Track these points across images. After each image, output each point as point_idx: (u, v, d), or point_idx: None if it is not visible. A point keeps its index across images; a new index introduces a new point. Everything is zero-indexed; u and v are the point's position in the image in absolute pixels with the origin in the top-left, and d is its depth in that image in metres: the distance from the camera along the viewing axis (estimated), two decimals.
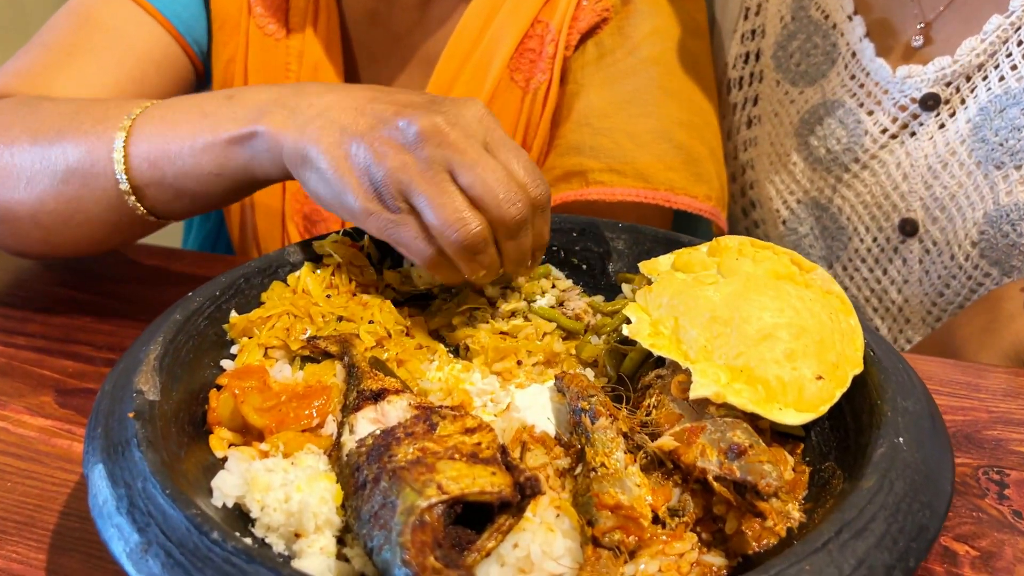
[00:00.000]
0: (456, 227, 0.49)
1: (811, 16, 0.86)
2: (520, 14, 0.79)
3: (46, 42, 0.76)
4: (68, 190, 0.62)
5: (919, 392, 0.42)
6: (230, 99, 0.59)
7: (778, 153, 0.89)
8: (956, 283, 0.80)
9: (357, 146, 0.52)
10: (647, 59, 0.78)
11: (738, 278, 0.45)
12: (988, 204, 0.76)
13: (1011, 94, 0.74)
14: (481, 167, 0.50)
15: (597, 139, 0.76)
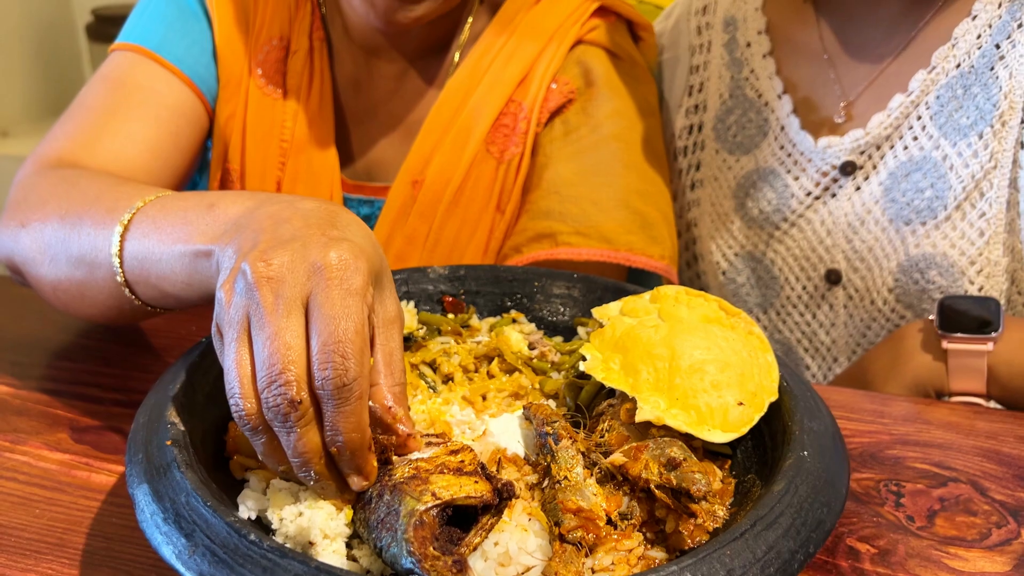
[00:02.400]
0: (231, 399, 0.45)
1: (746, 94, 0.96)
2: (496, 94, 0.88)
3: (88, 105, 0.83)
4: (78, 275, 0.66)
5: (823, 415, 0.51)
6: (210, 208, 0.58)
7: (718, 213, 0.98)
8: (876, 325, 0.90)
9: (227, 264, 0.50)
10: (608, 136, 0.87)
11: (675, 321, 0.54)
12: (900, 255, 0.86)
13: (914, 161, 0.85)
14: (267, 340, 0.44)
15: (565, 205, 0.84)
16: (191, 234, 0.57)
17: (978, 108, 0.81)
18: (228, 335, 0.46)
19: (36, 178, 0.75)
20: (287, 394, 0.43)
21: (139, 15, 0.90)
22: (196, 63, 0.87)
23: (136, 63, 0.85)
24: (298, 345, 0.44)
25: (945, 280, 0.83)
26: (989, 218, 0.82)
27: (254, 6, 0.90)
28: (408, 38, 0.90)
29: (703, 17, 1.01)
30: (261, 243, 0.48)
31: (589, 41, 0.90)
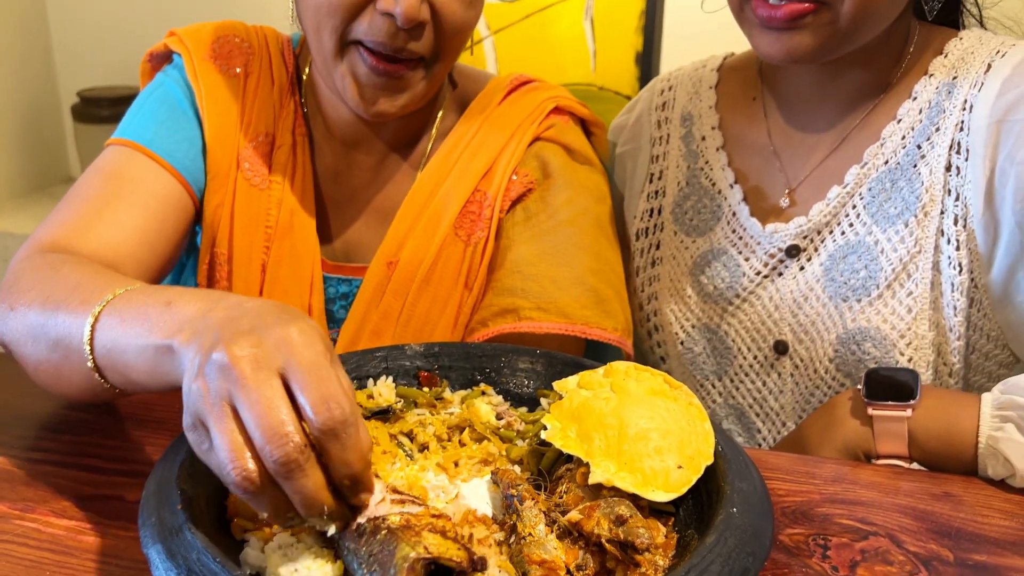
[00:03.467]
0: (224, 469, 0.49)
1: (701, 183, 1.05)
2: (464, 184, 0.97)
3: (83, 195, 0.90)
4: (55, 357, 0.71)
5: (752, 476, 0.58)
6: (168, 306, 0.62)
7: (676, 288, 1.07)
8: (820, 392, 0.97)
9: (192, 364, 0.54)
10: (563, 221, 0.95)
11: (624, 394, 0.61)
12: (839, 329, 0.94)
13: (850, 245, 0.94)
14: (252, 403, 0.49)
15: (526, 283, 0.91)
16: (151, 329, 0.61)
17: (904, 200, 0.91)
18: (213, 417, 0.50)
19: (27, 263, 0.81)
20: (293, 441, 0.48)
21: (134, 114, 0.98)
22: (184, 157, 0.95)
23: (129, 157, 0.93)
24: (286, 403, 0.49)
25: (879, 351, 0.91)
26: (916, 296, 0.90)
27: (241, 107, 0.98)
28: (385, 131, 1.00)
29: (662, 112, 1.11)
30: (223, 337, 0.52)
31: (546, 138, 1.00)
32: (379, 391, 0.73)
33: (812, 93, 0.97)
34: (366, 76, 0.87)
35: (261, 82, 1.00)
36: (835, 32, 0.85)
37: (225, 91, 0.98)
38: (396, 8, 0.82)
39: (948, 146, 0.89)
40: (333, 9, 0.84)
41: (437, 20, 0.86)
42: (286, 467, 0.49)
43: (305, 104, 1.02)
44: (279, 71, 1.01)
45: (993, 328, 0.92)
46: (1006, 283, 0.88)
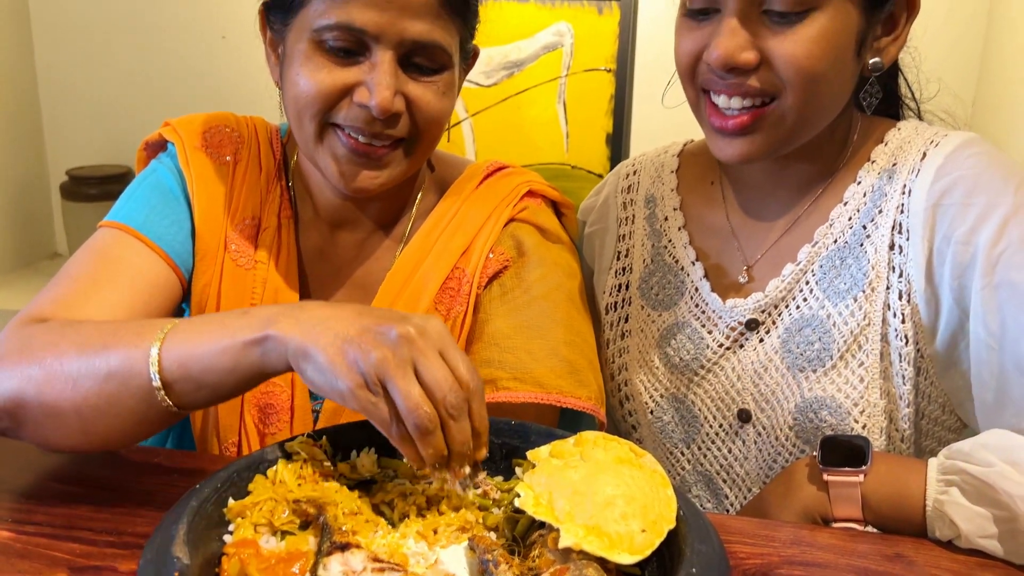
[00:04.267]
0: (414, 412, 0.66)
1: (665, 260, 1.12)
2: (443, 262, 1.03)
3: (73, 275, 0.94)
4: (108, 388, 0.77)
5: (712, 538, 0.63)
6: (245, 314, 0.76)
7: (644, 359, 1.12)
8: (781, 458, 1.02)
9: (348, 345, 0.68)
10: (537, 296, 1.02)
11: (592, 462, 0.66)
12: (797, 398, 0.99)
13: (805, 318, 0.99)
14: (434, 367, 0.68)
15: (503, 355, 0.97)
16: (234, 332, 0.74)
17: (852, 276, 0.97)
18: (399, 375, 0.67)
19: (30, 329, 0.84)
20: (460, 394, 0.68)
21: (128, 198, 1.03)
22: (174, 240, 1.00)
23: (119, 239, 0.98)
24: (450, 374, 0.69)
25: (834, 419, 0.97)
26: (867, 367, 0.96)
27: (230, 193, 1.04)
28: (368, 211, 1.06)
29: (628, 195, 1.19)
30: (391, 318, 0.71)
31: (521, 219, 1.07)
32: (362, 462, 0.77)
33: (765, 181, 1.05)
34: (346, 156, 0.94)
35: (249, 169, 1.06)
36: (783, 133, 0.93)
37: (214, 178, 1.04)
38: (371, 101, 0.89)
39: (891, 226, 0.96)
40: (312, 100, 0.91)
41: (412, 110, 0.93)
42: (458, 410, 0.68)
43: (293, 187, 1.08)
44: (267, 158, 1.08)
45: (940, 395, 0.98)
46: (949, 353, 0.94)
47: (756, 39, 0.89)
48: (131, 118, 2.35)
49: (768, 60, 0.89)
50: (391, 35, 0.89)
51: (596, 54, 2.16)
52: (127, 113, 2.36)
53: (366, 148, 0.93)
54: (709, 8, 0.91)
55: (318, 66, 0.91)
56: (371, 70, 0.90)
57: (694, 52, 0.94)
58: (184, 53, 2.34)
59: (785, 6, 0.86)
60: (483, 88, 2.23)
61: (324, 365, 0.69)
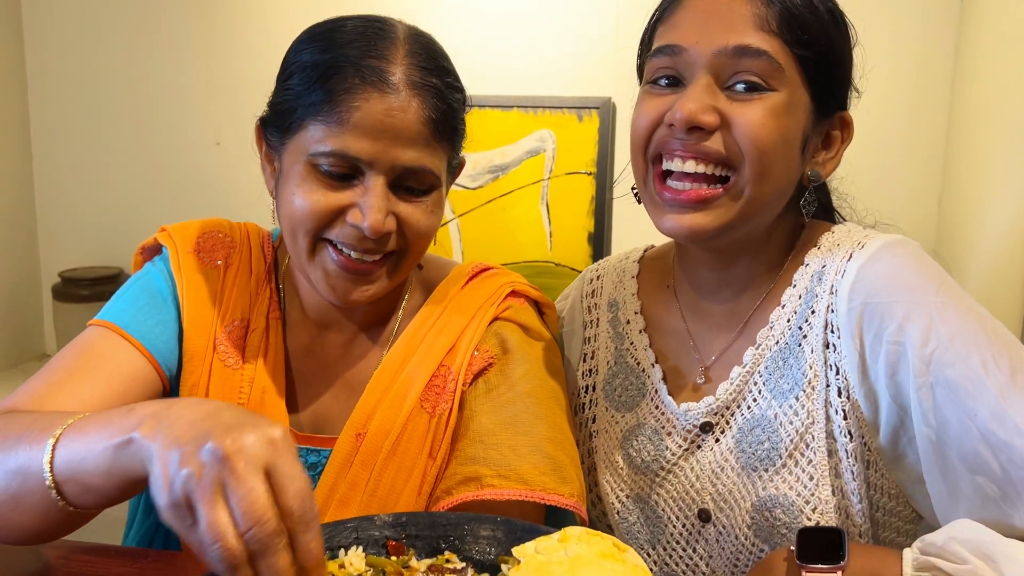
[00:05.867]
0: (212, 545, 0.59)
1: (628, 362, 1.17)
2: (429, 360, 1.08)
3: (52, 369, 0.97)
4: (13, 485, 0.78)
5: None
6: (128, 413, 0.72)
7: (610, 460, 1.16)
8: (744, 557, 1.04)
9: (173, 455, 0.63)
10: (522, 393, 1.06)
11: (576, 558, 0.70)
12: (753, 497, 1.02)
13: (755, 418, 1.04)
14: (243, 492, 0.60)
15: (488, 452, 1.00)
16: (112, 432, 0.71)
17: (793, 376, 1.02)
18: (204, 499, 0.61)
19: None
20: (271, 526, 0.60)
21: (118, 299, 1.08)
22: (158, 340, 1.04)
23: (104, 336, 1.01)
24: (270, 495, 0.61)
25: (788, 517, 1.01)
26: (815, 464, 1.00)
27: (220, 296, 1.09)
28: (355, 313, 1.12)
29: (592, 299, 1.26)
30: (213, 429, 0.63)
31: (504, 318, 1.13)
32: (350, 561, 0.79)
33: (711, 281, 1.11)
34: (336, 272, 1.01)
35: (240, 272, 1.12)
36: (736, 211, 0.99)
37: (205, 281, 1.09)
38: (364, 223, 0.97)
39: (823, 326, 1.01)
40: (306, 218, 0.98)
41: (402, 227, 1.01)
42: (267, 546, 0.60)
43: (283, 289, 1.14)
44: (257, 262, 1.14)
45: (892, 487, 1.01)
46: (894, 447, 0.98)
47: (719, 105, 0.98)
48: (125, 221, 2.40)
49: (728, 126, 0.97)
50: (383, 162, 0.97)
51: (577, 158, 2.32)
52: (121, 216, 2.42)
53: (357, 266, 1.00)
54: (675, 80, 1.01)
55: (313, 188, 0.98)
56: (364, 193, 0.97)
57: (654, 117, 1.01)
58: (178, 158, 2.42)
59: (747, 83, 0.97)
60: (469, 190, 2.35)
61: (155, 475, 0.64)
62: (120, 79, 2.47)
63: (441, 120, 0.98)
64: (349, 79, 0.96)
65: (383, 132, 0.94)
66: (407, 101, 0.96)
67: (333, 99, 0.96)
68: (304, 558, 0.62)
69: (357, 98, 0.95)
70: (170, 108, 2.44)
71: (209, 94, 2.42)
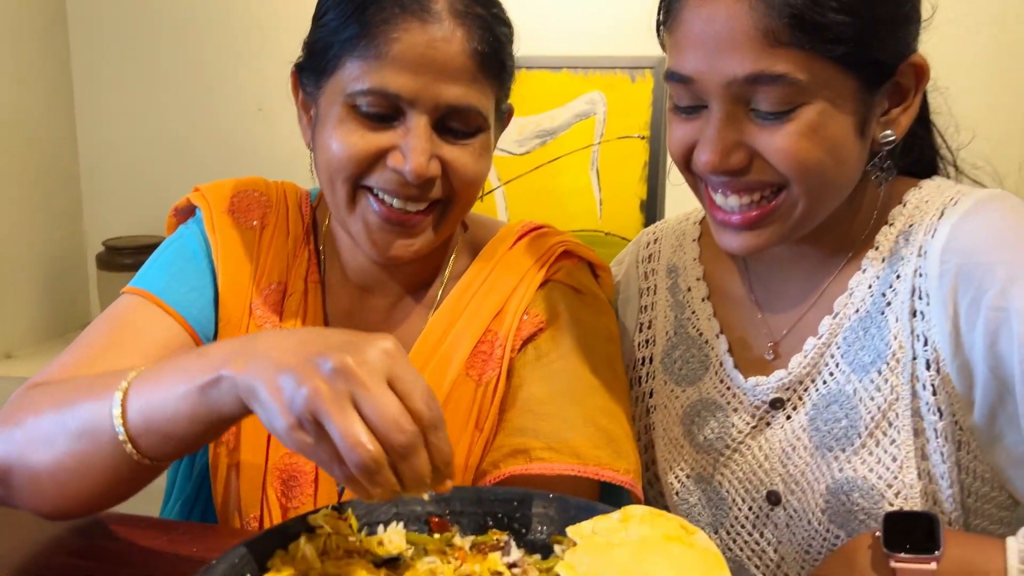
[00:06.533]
0: (355, 451, 0.59)
1: (689, 333, 1.09)
2: (475, 325, 1.01)
3: (87, 341, 0.93)
4: (79, 446, 0.75)
5: None
6: (201, 355, 0.71)
7: (670, 438, 1.08)
8: (816, 543, 0.97)
9: (285, 378, 0.62)
10: (575, 361, 0.99)
11: (640, 540, 0.63)
12: (828, 479, 0.95)
13: (831, 394, 0.96)
14: (376, 400, 0.61)
15: (538, 423, 0.93)
16: (191, 375, 0.69)
17: (876, 348, 0.94)
18: (335, 411, 0.60)
19: (26, 392, 0.84)
20: (413, 429, 0.61)
21: (151, 264, 1.03)
22: (193, 307, 0.99)
23: (137, 305, 0.97)
24: (399, 402, 0.62)
25: (867, 502, 0.92)
26: (899, 445, 0.92)
27: (256, 258, 1.04)
28: (399, 275, 1.05)
29: (649, 264, 1.18)
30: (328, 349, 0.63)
31: (556, 280, 1.06)
32: (389, 538, 0.73)
33: (786, 256, 1.02)
34: (378, 224, 0.93)
35: (276, 233, 1.06)
36: (791, 224, 0.90)
37: (240, 243, 1.04)
38: (406, 166, 0.89)
39: (910, 292, 0.92)
40: (344, 163, 0.91)
41: (448, 172, 0.93)
42: (408, 449, 0.61)
43: (323, 251, 1.08)
44: (295, 223, 1.08)
45: (987, 470, 0.92)
46: (990, 427, 0.89)
47: (745, 136, 0.87)
48: (168, 189, 2.38)
49: (760, 156, 0.87)
50: (426, 100, 0.89)
51: (629, 121, 2.20)
52: (164, 184, 2.43)
53: (400, 216, 0.93)
54: (697, 105, 0.91)
55: (351, 130, 0.91)
56: (405, 134, 0.90)
57: (686, 144, 0.92)
58: (221, 124, 2.43)
59: (771, 106, 0.84)
60: (516, 156, 2.27)
61: (265, 402, 0.64)
62: (164, 45, 2.46)
63: (488, 53, 0.91)
64: (387, 9, 0.89)
65: (425, 66, 0.87)
66: (450, 31, 0.89)
67: (370, 31, 0.89)
68: (437, 457, 0.64)
69: (396, 29, 0.88)
70: (213, 74, 2.43)
71: (252, 60, 2.40)
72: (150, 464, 0.75)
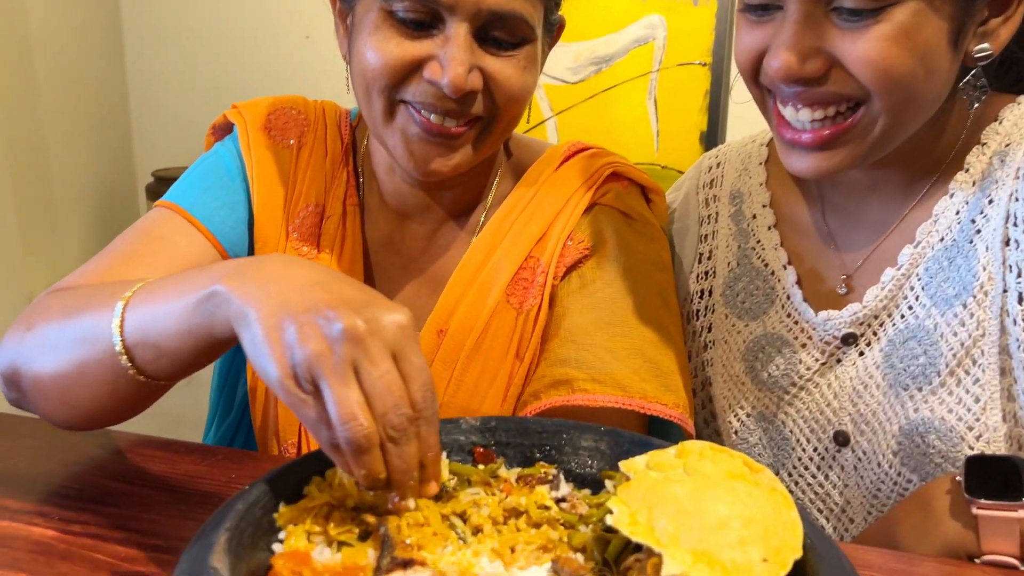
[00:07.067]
0: (347, 424, 0.55)
1: (753, 263, 1.02)
2: (516, 251, 0.96)
3: (113, 251, 0.90)
4: (80, 354, 0.72)
5: (847, 572, 0.54)
6: (204, 270, 0.67)
7: (730, 374, 1.03)
8: (886, 487, 0.91)
9: (288, 322, 0.57)
10: (622, 289, 0.93)
11: (699, 476, 0.58)
12: (902, 419, 0.89)
13: (909, 329, 0.89)
14: (379, 374, 0.57)
15: (581, 353, 0.88)
16: (189, 288, 0.65)
17: (961, 279, 0.87)
18: (335, 377, 0.56)
19: (44, 297, 0.82)
20: (406, 413, 0.57)
21: (184, 180, 1.00)
22: (223, 224, 0.95)
23: (167, 218, 0.94)
24: (401, 382, 0.58)
25: (944, 445, 0.86)
26: (983, 384, 0.85)
27: (293, 177, 0.99)
28: (440, 200, 0.99)
29: (710, 190, 1.10)
30: (342, 305, 0.58)
31: (603, 203, 0.99)
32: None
33: (864, 181, 0.94)
34: (417, 136, 0.87)
35: (314, 153, 1.01)
36: (868, 144, 0.82)
37: (276, 162, 0.99)
38: (443, 78, 0.82)
39: (1003, 219, 0.84)
40: (380, 73, 0.85)
41: (490, 87, 0.86)
42: (401, 432, 0.57)
43: (362, 174, 1.03)
44: (333, 142, 1.02)
45: None
46: None
47: (823, 41, 0.78)
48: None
49: (840, 64, 0.78)
50: (467, 5, 0.82)
51: (691, 47, 2.09)
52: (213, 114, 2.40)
53: (439, 128, 0.86)
54: (770, 4, 0.81)
55: (387, 37, 0.84)
56: (444, 44, 0.83)
57: (755, 51, 0.84)
58: (269, 54, 2.43)
59: (857, 2, 0.75)
60: (569, 85, 2.17)
61: (258, 338, 0.59)
62: None
63: None
64: None
65: None
66: None
67: None
68: (426, 450, 0.60)
69: None
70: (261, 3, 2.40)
71: None
72: (146, 381, 0.71)
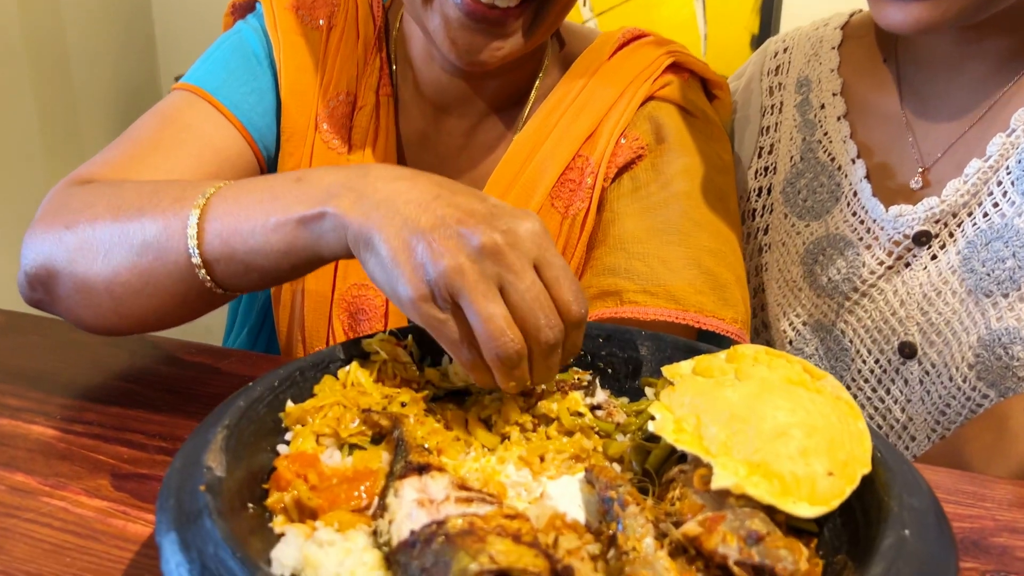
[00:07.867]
0: (497, 341, 0.52)
1: (818, 158, 0.93)
2: (563, 149, 0.86)
3: (134, 137, 0.82)
4: (142, 262, 0.66)
5: (924, 491, 0.46)
6: (299, 181, 0.62)
7: (786, 279, 0.94)
8: (956, 403, 0.83)
9: (417, 240, 0.54)
10: (678, 193, 0.83)
11: (754, 382, 0.50)
12: (981, 329, 0.80)
13: (995, 229, 0.80)
14: (527, 288, 0.53)
15: (631, 263, 0.80)
16: (287, 205, 0.60)
17: None
18: (479, 294, 0.53)
19: (72, 189, 0.74)
20: (558, 327, 0.54)
21: (205, 60, 0.91)
22: (251, 111, 0.87)
23: (191, 103, 0.85)
24: (547, 293, 0.55)
25: None
26: None
27: (323, 62, 0.90)
28: (481, 92, 0.90)
29: (775, 77, 0.99)
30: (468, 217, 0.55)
31: (661, 97, 0.89)
32: (455, 369, 0.63)
33: (954, 55, 0.83)
34: (460, 20, 0.76)
35: (345, 36, 0.91)
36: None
37: (305, 44, 0.90)
38: None
39: None
40: None
41: None
42: (552, 345, 0.54)
43: (395, 61, 0.93)
44: (366, 25, 0.92)
45: None
46: None
47: None
48: None
49: None
50: None
51: None
52: None
53: (485, 11, 0.75)
54: None
55: None
56: None
57: None
58: None
59: None
60: None
61: (387, 261, 0.55)
62: None
63: None
64: None
65: None
66: None
67: None
68: (570, 354, 0.57)
69: None
70: None
71: None
72: (223, 294, 0.66)
